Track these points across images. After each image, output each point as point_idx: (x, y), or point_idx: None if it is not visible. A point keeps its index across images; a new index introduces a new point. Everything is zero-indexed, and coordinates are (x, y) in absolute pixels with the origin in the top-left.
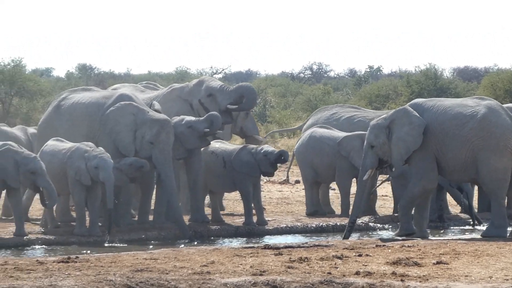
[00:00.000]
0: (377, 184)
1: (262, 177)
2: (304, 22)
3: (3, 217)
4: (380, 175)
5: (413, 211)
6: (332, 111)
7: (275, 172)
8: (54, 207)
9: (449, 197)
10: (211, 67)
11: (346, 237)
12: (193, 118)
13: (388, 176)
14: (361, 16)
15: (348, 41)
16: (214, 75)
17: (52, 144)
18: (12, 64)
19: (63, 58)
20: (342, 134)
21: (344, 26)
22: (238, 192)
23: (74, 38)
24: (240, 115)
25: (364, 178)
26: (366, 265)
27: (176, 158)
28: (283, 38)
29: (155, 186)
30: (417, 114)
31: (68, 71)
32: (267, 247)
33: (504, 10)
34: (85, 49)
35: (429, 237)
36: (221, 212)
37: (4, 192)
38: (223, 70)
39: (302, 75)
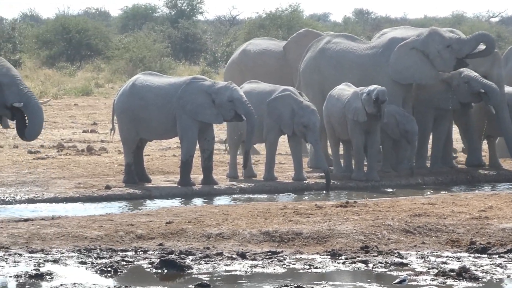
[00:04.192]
0: None
1: None
2: None
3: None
4: None
5: None
6: None
7: None
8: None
9: None
10: (488, 11)
11: None
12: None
13: None
14: None
15: None
16: (490, 19)
17: (340, 88)
18: (290, 9)
19: (340, 3)
20: None
21: None
22: None
23: None
24: None
25: None
26: None
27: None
28: None
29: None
30: None
31: (345, 16)
32: None
33: None
34: None
35: None
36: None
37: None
38: (500, 13)
39: None
